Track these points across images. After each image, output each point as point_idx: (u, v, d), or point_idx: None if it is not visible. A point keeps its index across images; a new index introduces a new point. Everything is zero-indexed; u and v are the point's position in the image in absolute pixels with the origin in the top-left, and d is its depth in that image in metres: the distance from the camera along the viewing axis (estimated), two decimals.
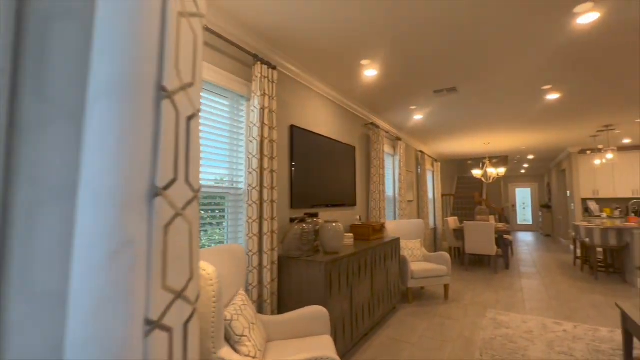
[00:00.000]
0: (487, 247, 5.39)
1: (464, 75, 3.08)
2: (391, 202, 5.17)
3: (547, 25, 2.22)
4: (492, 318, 3.28)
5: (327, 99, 3.39)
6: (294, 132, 2.75)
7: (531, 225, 12.98)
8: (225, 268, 1.75)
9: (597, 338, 2.79)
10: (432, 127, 5.30)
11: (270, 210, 2.21)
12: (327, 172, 3.24)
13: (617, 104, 4.07)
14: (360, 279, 2.68)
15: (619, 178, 7.16)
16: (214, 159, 2.12)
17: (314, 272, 2.17)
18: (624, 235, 4.82)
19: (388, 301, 3.27)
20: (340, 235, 2.49)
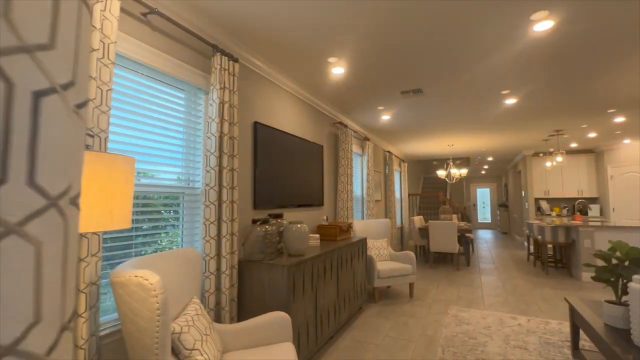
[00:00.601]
0: (450, 245, 5.58)
1: (429, 77, 3.13)
2: (359, 201, 5.18)
3: (507, 31, 2.29)
4: (454, 315, 3.36)
5: (294, 96, 3.30)
6: (258, 129, 2.63)
7: (490, 223, 13.73)
8: (177, 275, 1.60)
9: (547, 330, 2.95)
10: (400, 128, 5.38)
11: (230, 212, 2.08)
12: (294, 172, 3.15)
13: (566, 111, 4.36)
14: (325, 281, 2.62)
15: (566, 179, 7.74)
16: (167, 155, 1.95)
17: (276, 276, 2.07)
18: (571, 233, 5.20)
19: (354, 302, 3.24)
20: (305, 237, 2.41)
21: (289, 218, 3.10)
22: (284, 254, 2.48)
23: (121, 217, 0.83)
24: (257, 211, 2.63)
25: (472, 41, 2.44)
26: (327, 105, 3.93)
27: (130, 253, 1.71)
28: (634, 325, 1.70)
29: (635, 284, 1.71)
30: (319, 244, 2.97)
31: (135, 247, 1.75)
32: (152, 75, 1.87)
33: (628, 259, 1.91)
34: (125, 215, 0.85)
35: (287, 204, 3.02)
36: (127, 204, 0.86)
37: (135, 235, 1.74)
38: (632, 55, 2.69)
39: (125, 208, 0.84)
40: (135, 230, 1.74)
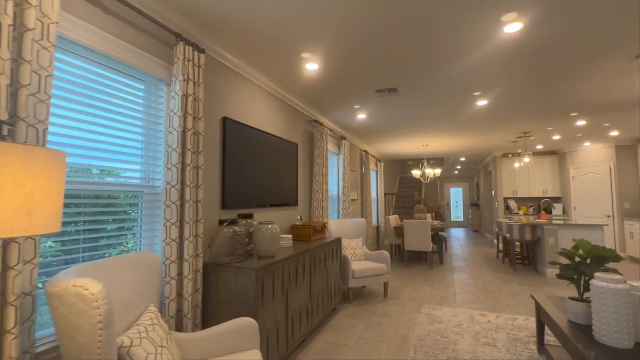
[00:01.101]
0: (424, 244, 5.66)
1: (404, 76, 3.12)
2: (335, 201, 5.14)
3: (479, 32, 2.30)
4: (427, 314, 3.39)
5: (267, 92, 3.19)
6: (228, 125, 2.50)
7: (462, 222, 14.18)
8: (130, 282, 1.46)
9: (515, 327, 3.02)
10: (376, 128, 5.39)
11: (193, 212, 1.94)
12: (267, 170, 3.04)
13: (533, 113, 4.53)
14: (297, 283, 2.54)
15: (533, 180, 8.10)
16: (123, 151, 1.79)
17: (244, 279, 1.97)
18: (537, 231, 5.42)
19: (328, 303, 3.18)
20: (276, 238, 2.32)
21: (262, 218, 2.99)
22: (254, 256, 2.37)
23: (44, 219, 0.71)
24: (227, 211, 2.50)
25: (445, 41, 2.44)
26: (303, 103, 3.84)
27: (77, 259, 1.55)
28: (595, 321, 1.74)
29: (597, 281, 1.75)
30: (292, 245, 2.88)
31: (84, 252, 1.59)
32: (106, 63, 1.71)
33: (590, 257, 1.96)
34: (50, 217, 0.73)
35: (260, 204, 2.91)
36: (53, 205, 0.73)
37: (83, 240, 1.58)
38: (592, 61, 2.80)
39: (49, 209, 0.72)
40: (84, 234, 1.58)
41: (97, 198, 1.65)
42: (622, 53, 2.67)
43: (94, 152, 1.64)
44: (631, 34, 2.36)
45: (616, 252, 1.87)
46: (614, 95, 3.73)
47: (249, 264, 2.06)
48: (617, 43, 2.50)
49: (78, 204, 1.57)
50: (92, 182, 1.61)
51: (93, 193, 1.62)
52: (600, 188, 6.81)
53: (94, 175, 1.65)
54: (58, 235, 1.49)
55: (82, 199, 1.58)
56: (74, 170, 1.56)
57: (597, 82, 3.33)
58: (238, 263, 2.09)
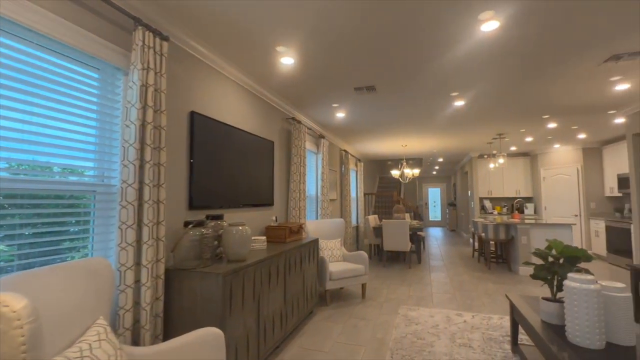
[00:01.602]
0: (403, 243, 5.67)
1: (382, 74, 3.06)
2: (313, 201, 5.04)
3: (457, 30, 2.27)
4: (404, 315, 3.35)
5: (241, 87, 3.04)
6: (196, 120, 2.34)
7: (440, 221, 14.48)
8: (72, 293, 1.30)
9: (490, 326, 3.04)
10: (355, 127, 5.33)
11: (153, 213, 1.78)
12: (240, 169, 2.90)
13: (508, 115, 4.61)
14: (271, 287, 2.42)
15: (506, 180, 8.34)
16: (73, 146, 1.61)
17: (210, 285, 1.83)
18: (510, 230, 5.55)
19: (304, 306, 3.08)
20: (246, 240, 2.19)
21: (234, 219, 2.84)
22: (223, 259, 2.23)
23: None
24: (194, 212, 2.34)
25: (423, 39, 2.39)
26: (279, 99, 3.71)
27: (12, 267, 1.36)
28: (568, 322, 1.73)
29: (570, 282, 1.75)
30: (266, 247, 2.75)
31: (19, 259, 1.40)
32: (53, 47, 1.52)
33: (563, 256, 1.97)
34: None
35: (232, 204, 2.76)
36: None
37: (18, 245, 1.39)
38: (563, 63, 2.85)
39: None
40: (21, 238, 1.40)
41: (37, 198, 1.46)
42: (591, 56, 2.73)
43: (38, 147, 1.45)
44: (599, 37, 2.40)
45: (587, 252, 1.89)
46: (582, 98, 3.85)
47: (215, 268, 1.92)
48: (587, 46, 2.54)
49: (22, 205, 1.38)
50: (35, 180, 1.42)
51: (41, 192, 1.44)
52: (568, 188, 7.09)
53: (44, 172, 1.46)
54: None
55: (27, 199, 1.39)
56: (12, 166, 1.37)
57: (567, 85, 3.41)
58: (204, 268, 1.95)
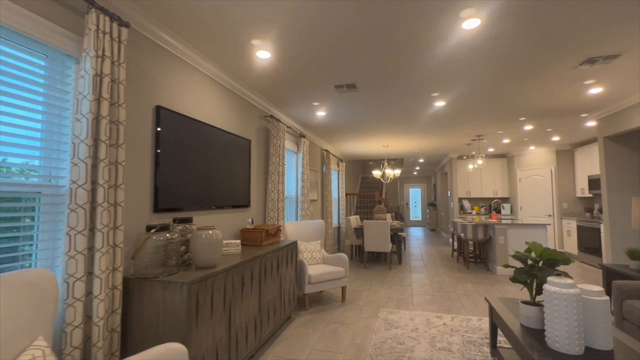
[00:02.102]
0: (384, 244, 5.64)
1: (363, 72, 2.97)
2: (293, 201, 4.91)
3: (439, 28, 2.20)
4: (384, 318, 3.29)
5: (216, 82, 2.87)
6: (162, 116, 2.16)
7: (420, 221, 14.67)
8: (5, 311, 1.12)
9: (469, 328, 3.02)
10: (336, 126, 5.24)
11: (109, 217, 1.61)
12: (213, 168, 2.73)
13: (486, 116, 4.66)
14: (244, 294, 2.27)
15: (484, 181, 8.51)
16: (13, 142, 1.42)
17: (173, 296, 1.67)
18: (488, 230, 5.63)
19: (281, 312, 2.95)
20: (217, 245, 2.04)
21: (206, 222, 2.67)
22: (192, 266, 2.07)
23: None
24: (160, 215, 2.17)
25: (404, 36, 2.32)
26: (257, 97, 3.56)
27: None
28: (547, 327, 1.70)
29: (550, 286, 1.71)
30: (240, 251, 2.61)
31: None
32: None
33: (542, 259, 1.94)
34: None
35: (203, 205, 2.59)
36: None
37: None
38: (541, 65, 2.86)
39: None
40: None
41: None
42: (567, 59, 2.75)
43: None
44: (576, 40, 2.41)
45: (566, 255, 1.87)
46: (557, 100, 3.92)
47: (181, 276, 1.77)
48: (563, 48, 2.55)
49: None
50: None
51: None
52: (543, 189, 7.30)
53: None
54: None
55: None
56: None
57: (543, 87, 3.45)
58: (168, 276, 1.79)
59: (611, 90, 3.55)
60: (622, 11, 2.04)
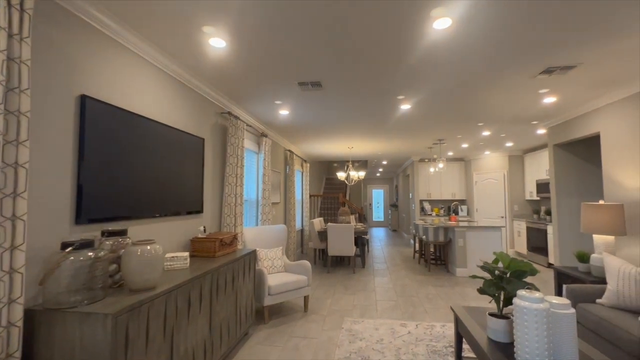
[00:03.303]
0: (348, 248, 5.53)
1: (329, 70, 2.79)
2: (253, 205, 4.61)
3: (407, 26, 2.08)
4: (348, 329, 3.13)
5: (162, 72, 2.51)
6: (89, 107, 1.79)
7: (383, 221, 14.95)
8: None
9: (433, 336, 2.96)
10: (300, 126, 5.02)
11: (5, 235, 1.25)
12: (157, 170, 2.38)
13: (448, 120, 4.72)
14: (191, 317, 1.97)
15: (444, 183, 8.80)
16: None
17: (94, 331, 1.35)
18: (448, 232, 5.75)
19: (237, 330, 2.67)
20: (156, 262, 1.72)
21: (148, 233, 2.32)
22: (125, 288, 1.74)
23: None
24: (85, 227, 1.79)
25: (371, 34, 2.16)
26: (213, 91, 3.23)
27: None
28: (517, 343, 1.63)
29: (520, 300, 1.65)
30: (188, 266, 2.29)
31: None
32: None
33: (510, 270, 1.88)
34: None
35: (145, 213, 2.23)
36: None
37: None
38: (502, 72, 2.87)
39: None
40: None
41: None
42: (527, 68, 2.78)
43: None
44: (538, 50, 2.43)
45: (533, 266, 1.82)
46: (514, 108, 4.05)
47: (107, 304, 1.44)
48: (526, 57, 2.56)
49: None
50: None
51: None
52: (496, 192, 7.69)
53: None
54: None
55: None
56: None
57: (502, 94, 3.51)
58: (90, 304, 1.45)
59: (563, 100, 3.72)
60: (580, 24, 2.06)
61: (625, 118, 3.33)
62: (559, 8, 1.90)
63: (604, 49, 2.43)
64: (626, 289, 2.43)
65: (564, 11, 1.94)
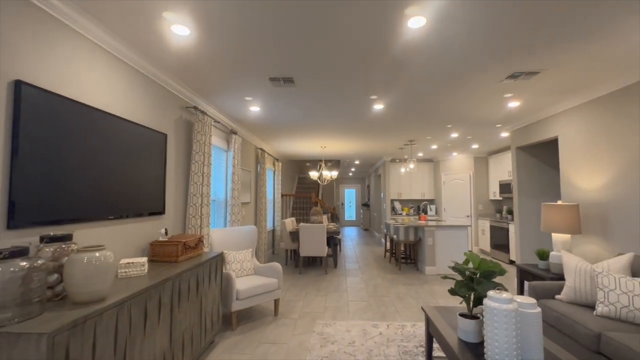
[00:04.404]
0: (320, 249, 5.46)
1: (301, 66, 2.69)
2: (222, 205, 4.41)
3: (381, 23, 2.03)
4: (320, 332, 3.06)
5: (118, 60, 2.29)
6: (26, 95, 1.57)
7: (355, 221, 15.09)
8: None
9: (404, 336, 2.97)
10: (272, 124, 4.88)
11: None
12: (111, 167, 2.16)
13: (419, 121, 4.79)
14: (148, 329, 1.80)
15: (414, 183, 9.01)
16: None
17: (27, 355, 1.16)
18: (418, 231, 5.87)
19: (201, 339, 2.50)
20: (107, 270, 1.54)
21: (100, 236, 2.09)
22: (67, 301, 1.54)
23: None
24: (21, 232, 1.57)
25: (345, 31, 2.10)
26: (177, 83, 3.02)
27: None
28: (488, 344, 1.63)
29: (489, 301, 1.65)
30: (146, 272, 2.10)
31: None
32: None
33: (480, 271, 1.90)
34: None
35: (96, 215, 2.02)
36: None
37: None
38: (473, 76, 2.94)
39: None
40: None
41: None
42: (496, 73, 2.86)
43: None
44: (506, 54, 2.49)
45: (501, 266, 1.85)
46: (481, 111, 4.18)
47: (44, 320, 1.25)
48: (495, 62, 2.62)
49: None
50: None
51: None
52: (462, 192, 7.99)
53: None
54: None
55: None
56: None
57: (471, 98, 3.61)
58: (23, 322, 1.25)
59: (526, 105, 3.89)
60: (545, 30, 2.12)
61: (581, 123, 3.53)
62: (528, 14, 1.94)
63: (565, 56, 2.54)
64: (582, 285, 2.56)
65: (532, 18, 1.98)
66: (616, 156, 3.08)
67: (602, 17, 1.98)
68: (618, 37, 2.23)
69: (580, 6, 1.87)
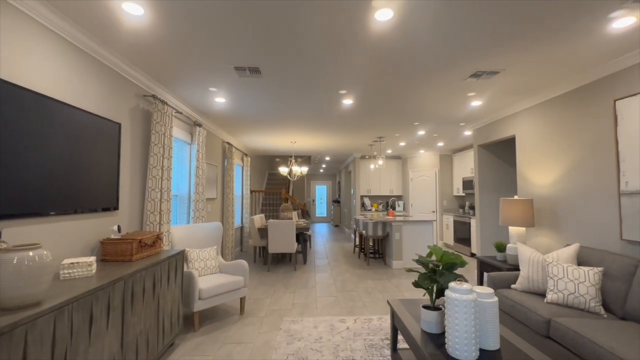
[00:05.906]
0: (289, 245, 5.39)
1: (269, 56, 2.60)
2: (184, 201, 4.20)
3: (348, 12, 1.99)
4: (286, 330, 3.01)
5: (65, 41, 2.06)
6: None
7: (326, 217, 15.15)
8: None
9: (370, 330, 2.99)
10: (240, 117, 4.72)
11: None
12: (55, 158, 1.95)
13: (387, 118, 4.86)
14: (94, 335, 1.64)
15: (383, 180, 9.18)
16: None
17: None
18: (387, 226, 5.98)
19: (159, 342, 2.35)
20: (42, 271, 1.38)
21: (38, 235, 1.88)
22: None
23: None
24: None
25: (311, 20, 2.04)
26: (133, 69, 2.80)
27: None
28: (448, 334, 1.66)
29: (451, 292, 1.68)
30: (94, 273, 1.92)
31: None
32: None
33: (442, 262, 1.94)
34: None
35: (37, 211, 1.81)
36: None
37: None
38: (438, 73, 3.00)
39: None
40: None
41: None
42: (460, 71, 2.94)
43: None
44: (470, 52, 2.56)
45: (462, 258, 1.90)
46: (446, 109, 4.31)
47: None
48: (459, 60, 2.69)
49: None
50: None
51: None
52: (428, 188, 8.26)
53: None
54: None
55: None
56: None
57: (437, 95, 3.70)
58: None
59: (487, 104, 4.06)
60: (506, 29, 2.20)
61: (536, 123, 3.75)
62: (491, 13, 1.99)
63: (523, 57, 2.66)
64: (535, 274, 2.72)
65: (494, 18, 2.04)
66: (565, 154, 3.30)
67: (569, 16, 2.08)
68: (578, 39, 2.36)
69: (554, 6, 1.95)
